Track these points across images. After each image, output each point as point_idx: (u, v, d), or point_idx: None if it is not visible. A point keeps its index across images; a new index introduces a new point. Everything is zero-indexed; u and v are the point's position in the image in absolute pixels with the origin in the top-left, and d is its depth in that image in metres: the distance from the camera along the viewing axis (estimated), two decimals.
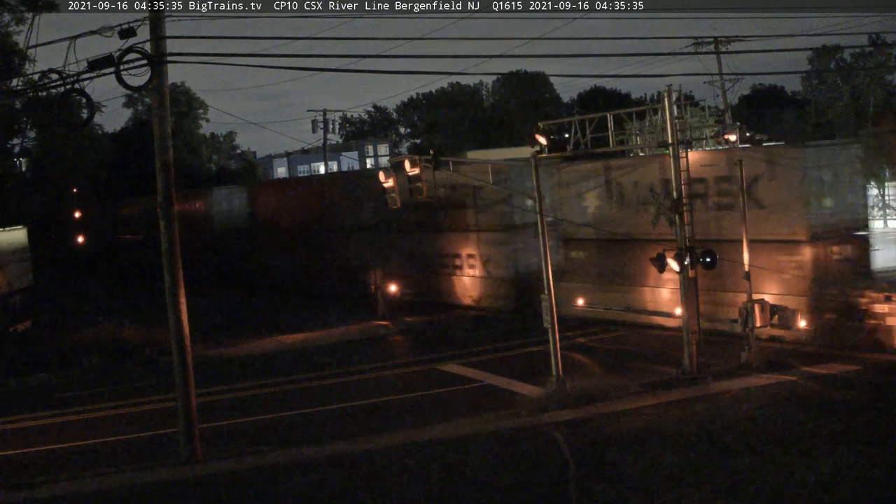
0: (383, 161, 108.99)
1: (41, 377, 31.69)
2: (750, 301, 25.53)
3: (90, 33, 19.36)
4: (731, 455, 17.90)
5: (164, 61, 19.92)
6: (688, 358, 24.83)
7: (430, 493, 17.35)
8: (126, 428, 24.07)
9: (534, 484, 17.38)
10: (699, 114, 43.16)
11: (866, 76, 66.07)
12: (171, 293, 20.56)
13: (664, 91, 25.52)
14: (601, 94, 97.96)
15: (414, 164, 25.44)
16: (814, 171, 28.11)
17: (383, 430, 21.88)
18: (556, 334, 23.89)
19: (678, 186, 25.32)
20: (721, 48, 54.08)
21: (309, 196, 53.90)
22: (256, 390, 27.93)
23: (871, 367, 24.46)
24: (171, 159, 20.51)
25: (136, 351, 34.39)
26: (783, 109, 77.07)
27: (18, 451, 22.66)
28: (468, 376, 27.36)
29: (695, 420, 20.76)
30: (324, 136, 73.64)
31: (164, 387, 26.29)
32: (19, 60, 43.20)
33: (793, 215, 28.03)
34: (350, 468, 19.19)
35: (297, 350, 34.39)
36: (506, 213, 38.22)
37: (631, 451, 18.76)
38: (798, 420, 20.06)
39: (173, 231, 20.55)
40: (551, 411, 22.28)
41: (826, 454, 17.53)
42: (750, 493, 15.82)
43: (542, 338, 25.29)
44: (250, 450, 21.00)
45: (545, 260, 24.57)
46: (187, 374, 20.52)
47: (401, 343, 35.20)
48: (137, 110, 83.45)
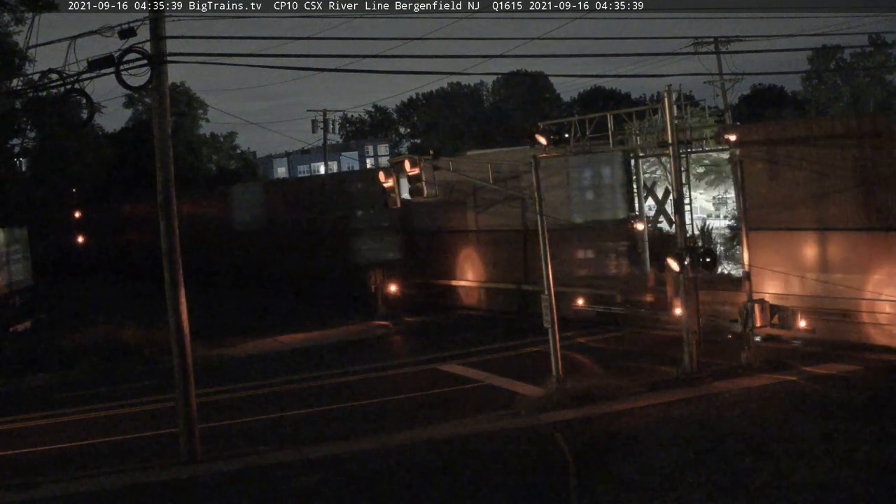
0: (383, 161, 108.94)
1: (41, 377, 31.70)
2: (750, 301, 25.52)
3: (90, 33, 19.34)
4: (730, 455, 17.89)
5: (164, 61, 19.91)
6: (688, 358, 24.83)
7: (429, 494, 17.34)
8: (126, 428, 24.06)
9: (534, 484, 17.37)
10: (699, 114, 43.08)
11: (866, 76, 66.14)
12: (171, 293, 20.55)
13: (664, 91, 25.53)
14: (601, 94, 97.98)
15: (414, 164, 25.44)
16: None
17: (383, 430, 21.88)
18: (556, 334, 23.89)
19: (678, 186, 25.33)
20: (721, 48, 54.05)
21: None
22: (256, 390, 27.92)
23: (871, 366, 24.46)
24: (171, 159, 20.50)
25: (135, 351, 34.36)
26: (783, 109, 77.11)
27: (18, 451, 22.65)
28: (468, 376, 27.36)
29: (695, 420, 20.75)
30: (324, 136, 73.57)
31: (164, 387, 26.27)
32: (19, 60, 43.21)
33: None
34: (350, 468, 19.19)
35: (296, 350, 34.39)
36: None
37: (631, 451, 18.75)
38: (798, 420, 20.05)
39: (173, 231, 20.53)
40: (551, 411, 22.27)
41: (825, 454, 17.51)
42: (750, 493, 15.82)
43: (543, 338, 25.28)
44: (250, 450, 20.99)
45: (545, 260, 24.56)
46: (187, 374, 20.50)
47: (401, 343, 35.20)
48: (137, 110, 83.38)
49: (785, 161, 28.11)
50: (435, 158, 25.61)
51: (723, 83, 53.90)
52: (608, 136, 27.71)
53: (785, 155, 28.07)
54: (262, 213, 56.80)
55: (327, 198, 50.76)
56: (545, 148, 25.75)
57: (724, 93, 54.52)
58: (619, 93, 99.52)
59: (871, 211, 26.26)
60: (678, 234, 25.18)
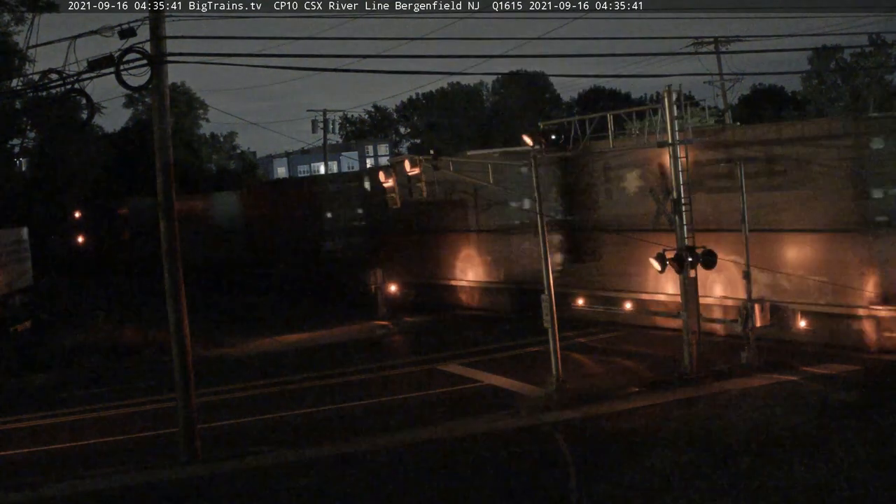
0: (383, 161, 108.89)
1: (41, 377, 31.69)
2: (750, 301, 25.53)
3: (90, 33, 19.35)
4: (730, 455, 17.89)
5: (164, 61, 19.92)
6: (688, 358, 24.83)
7: (430, 494, 17.34)
8: (126, 428, 24.06)
9: (534, 484, 17.37)
10: (699, 114, 43.16)
11: (866, 76, 66.11)
12: (171, 293, 20.55)
13: (664, 91, 25.52)
14: (601, 94, 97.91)
15: (414, 164, 25.47)
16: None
17: (383, 430, 21.88)
18: (556, 334, 23.89)
19: (678, 186, 25.32)
20: (721, 48, 54.06)
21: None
22: (256, 390, 27.92)
23: (871, 367, 24.46)
24: (172, 159, 20.51)
25: (135, 351, 34.39)
26: (783, 109, 77.03)
27: (18, 451, 22.65)
28: (468, 376, 27.35)
29: (695, 420, 20.76)
30: (324, 136, 73.52)
31: (164, 387, 26.28)
32: (19, 60, 43.21)
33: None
34: (350, 468, 19.19)
35: (297, 350, 34.39)
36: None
37: (631, 451, 18.76)
38: (798, 420, 20.05)
39: (173, 231, 20.54)
40: (551, 411, 22.29)
41: (826, 454, 17.51)
42: (750, 493, 15.82)
43: (543, 338, 25.29)
44: (250, 450, 20.99)
45: (545, 260, 24.56)
46: (187, 374, 20.51)
47: (401, 343, 35.20)
48: (137, 110, 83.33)
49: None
50: (435, 158, 25.64)
51: (723, 83, 53.91)
52: (608, 136, 27.70)
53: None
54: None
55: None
56: (543, 149, 25.72)
57: (724, 93, 54.55)
58: (619, 93, 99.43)
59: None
60: (678, 234, 25.17)
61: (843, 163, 26.52)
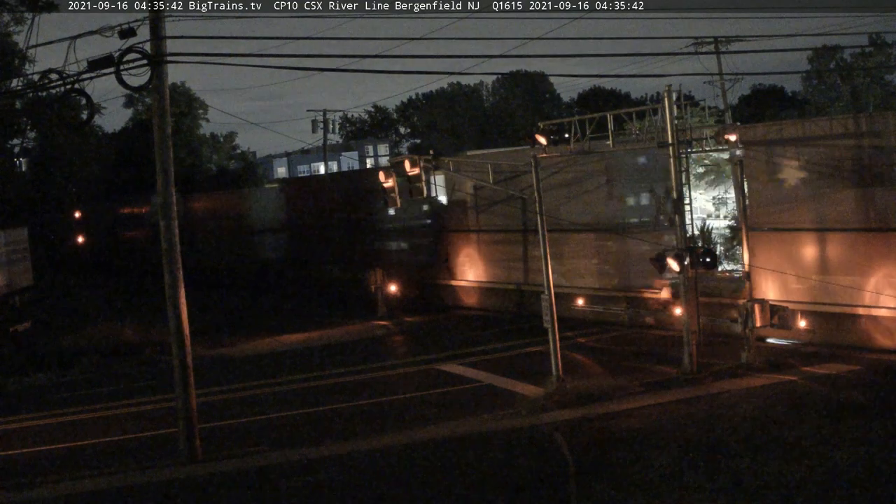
0: (383, 161, 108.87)
1: (41, 377, 31.68)
2: (750, 301, 25.53)
3: (90, 33, 19.35)
4: (731, 455, 17.90)
5: (164, 61, 19.92)
6: (688, 358, 24.84)
7: (430, 494, 17.34)
8: (126, 428, 24.05)
9: (534, 484, 17.38)
10: (699, 114, 43.10)
11: (866, 76, 66.10)
12: (171, 293, 20.56)
13: (664, 91, 25.53)
14: (601, 94, 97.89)
15: (414, 164, 25.46)
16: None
17: (383, 430, 21.89)
18: (556, 334, 23.88)
19: (678, 186, 25.32)
20: (721, 48, 54.02)
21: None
22: (256, 390, 27.91)
23: (871, 366, 24.46)
24: (172, 159, 20.51)
25: (135, 351, 34.37)
26: (783, 109, 77.03)
27: (18, 451, 22.65)
28: (468, 376, 27.35)
29: (695, 420, 20.76)
30: (324, 136, 73.46)
31: (164, 387, 26.28)
32: (19, 61, 43.24)
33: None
34: (350, 468, 19.19)
35: (297, 350, 34.40)
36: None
37: (631, 451, 18.76)
38: (798, 420, 20.05)
39: (173, 231, 20.54)
40: (551, 411, 22.29)
41: (826, 454, 17.52)
42: (750, 493, 15.82)
43: (543, 338, 25.28)
44: (250, 450, 21.00)
45: (545, 260, 24.56)
46: (187, 374, 20.51)
47: (401, 343, 35.20)
48: (137, 110, 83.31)
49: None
50: (435, 158, 25.64)
51: (723, 83, 53.87)
52: (608, 136, 27.69)
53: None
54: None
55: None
56: (545, 148, 25.77)
57: (724, 93, 54.51)
58: (619, 93, 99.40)
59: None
60: (678, 234, 25.18)
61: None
